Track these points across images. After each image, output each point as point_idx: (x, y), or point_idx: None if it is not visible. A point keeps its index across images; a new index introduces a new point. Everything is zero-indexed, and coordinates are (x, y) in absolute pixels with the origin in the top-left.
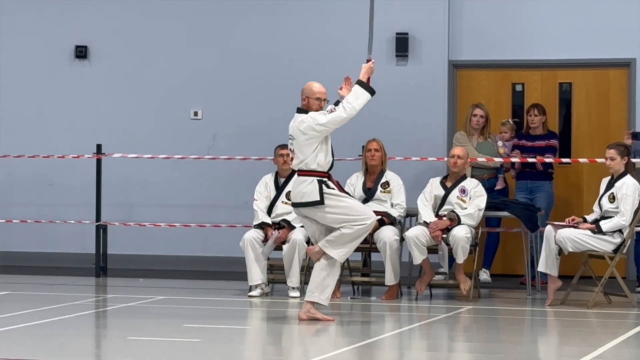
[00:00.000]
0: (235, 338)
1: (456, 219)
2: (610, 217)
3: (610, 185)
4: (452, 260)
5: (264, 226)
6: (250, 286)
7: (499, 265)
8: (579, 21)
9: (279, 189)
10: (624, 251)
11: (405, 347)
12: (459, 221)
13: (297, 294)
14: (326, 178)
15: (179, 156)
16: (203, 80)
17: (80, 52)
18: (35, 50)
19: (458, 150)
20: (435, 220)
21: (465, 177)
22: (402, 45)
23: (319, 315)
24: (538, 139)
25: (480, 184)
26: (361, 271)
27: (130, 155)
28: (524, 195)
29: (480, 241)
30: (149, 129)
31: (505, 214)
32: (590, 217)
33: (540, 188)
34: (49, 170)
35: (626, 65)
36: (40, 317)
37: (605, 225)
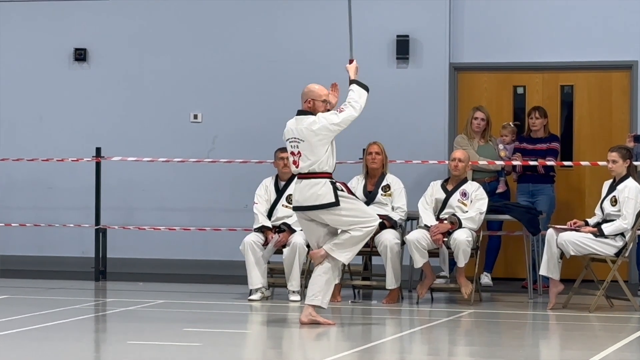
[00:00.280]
0: (236, 342)
1: (457, 222)
2: (612, 221)
3: (612, 188)
4: (453, 263)
5: (264, 230)
6: (251, 290)
7: (500, 269)
8: (580, 23)
9: (279, 192)
10: (626, 254)
11: (406, 351)
12: (460, 224)
13: (298, 298)
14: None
15: (179, 159)
16: (203, 83)
17: (80, 55)
18: (34, 53)
19: (459, 154)
20: (436, 223)
21: (466, 180)
22: (403, 47)
23: (321, 319)
24: (539, 141)
25: (481, 187)
26: (362, 275)
27: (129, 158)
28: (526, 198)
29: (482, 245)
30: (148, 132)
31: (506, 217)
32: (592, 221)
33: (542, 191)
34: (48, 174)
35: (628, 67)
36: (39, 322)
37: (607, 228)
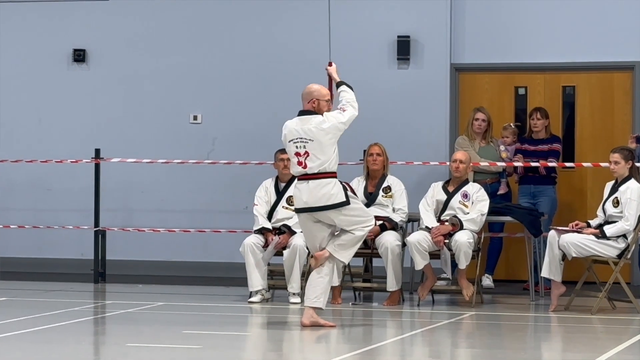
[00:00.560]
0: (236, 344)
1: (458, 224)
2: (614, 222)
3: (614, 189)
4: (455, 265)
5: (264, 231)
6: (251, 292)
7: (501, 271)
8: (582, 24)
9: (280, 193)
10: (628, 256)
11: (407, 354)
12: (462, 226)
13: (298, 300)
14: None
15: (178, 161)
16: (202, 84)
17: (79, 56)
18: (33, 54)
19: (460, 155)
20: (438, 225)
21: (467, 182)
22: (404, 48)
23: (322, 321)
24: (541, 143)
25: (482, 188)
26: (362, 277)
27: (129, 159)
28: (527, 199)
29: (483, 246)
30: (148, 133)
31: (508, 218)
32: (594, 222)
33: (544, 192)
34: (47, 175)
35: (630, 68)
36: (38, 324)
37: (609, 230)
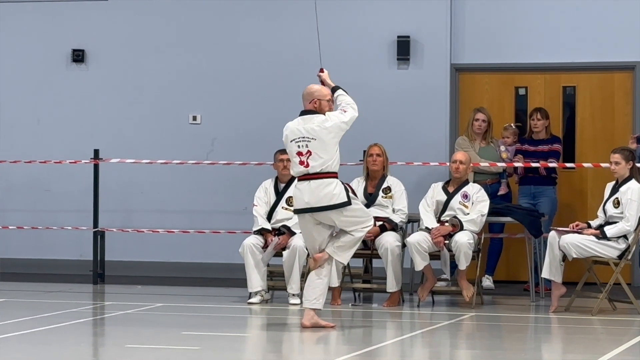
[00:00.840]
0: (235, 346)
1: (458, 224)
2: (615, 223)
3: (614, 190)
4: (455, 266)
5: (263, 232)
6: (250, 293)
7: (502, 272)
8: (582, 24)
9: (279, 194)
10: (629, 257)
11: (407, 355)
12: (462, 227)
13: (298, 301)
14: None
15: (178, 161)
16: (202, 84)
17: (77, 56)
18: (32, 54)
19: (460, 155)
20: (438, 226)
21: (467, 182)
22: (404, 48)
23: (322, 322)
24: (541, 143)
25: (482, 189)
26: (362, 278)
27: (128, 160)
28: (527, 200)
29: (483, 247)
30: (147, 134)
31: (508, 219)
32: (594, 223)
33: (544, 193)
34: (46, 176)
35: (631, 68)
36: (37, 325)
37: (609, 230)
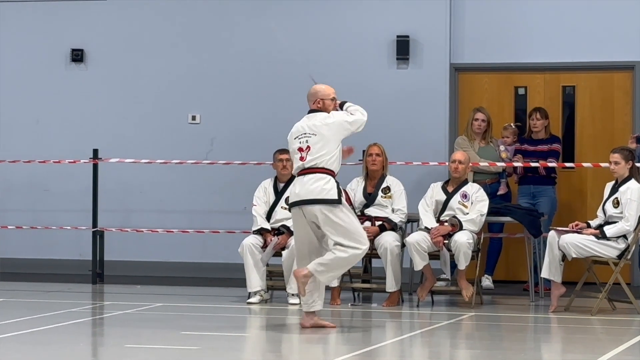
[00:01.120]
0: (234, 346)
1: (458, 224)
2: (615, 223)
3: (614, 190)
4: (454, 266)
5: (263, 232)
6: (249, 293)
7: (501, 272)
8: (582, 24)
9: (278, 194)
10: (629, 257)
11: (406, 355)
12: (461, 227)
13: (297, 301)
14: None
15: (177, 161)
16: (201, 84)
17: (77, 56)
18: (31, 54)
19: (459, 155)
20: (437, 225)
21: (466, 182)
22: (403, 48)
23: (322, 322)
24: (541, 143)
25: (481, 188)
26: (362, 277)
27: (127, 160)
28: (527, 200)
29: (483, 247)
30: (146, 134)
31: (507, 219)
32: (594, 223)
33: (543, 193)
34: (45, 176)
35: (630, 68)
36: (36, 325)
37: (609, 230)
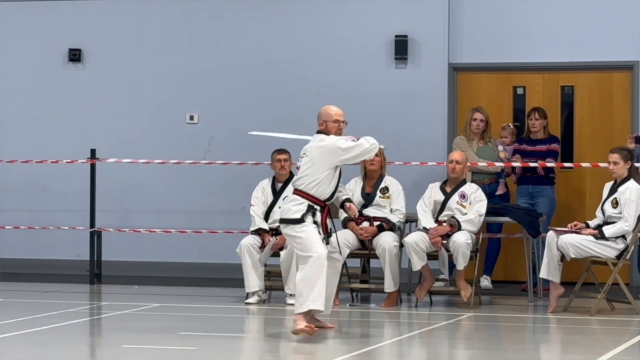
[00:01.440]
0: (232, 346)
1: (456, 224)
2: (613, 223)
3: (613, 190)
4: (453, 266)
5: (261, 232)
6: (247, 293)
7: (500, 272)
8: (581, 24)
9: (276, 194)
10: (627, 257)
11: (405, 355)
12: (459, 227)
13: None
14: (320, 207)
15: (175, 161)
16: (199, 83)
17: (74, 56)
18: (28, 54)
19: (456, 155)
20: (435, 226)
21: (465, 182)
22: (402, 48)
23: (321, 322)
24: (539, 143)
25: (480, 188)
26: (360, 278)
27: (125, 160)
28: (525, 200)
29: (481, 247)
30: (144, 133)
31: (506, 219)
32: (592, 223)
33: (542, 193)
34: (42, 176)
35: (629, 68)
36: (33, 325)
37: (608, 230)
